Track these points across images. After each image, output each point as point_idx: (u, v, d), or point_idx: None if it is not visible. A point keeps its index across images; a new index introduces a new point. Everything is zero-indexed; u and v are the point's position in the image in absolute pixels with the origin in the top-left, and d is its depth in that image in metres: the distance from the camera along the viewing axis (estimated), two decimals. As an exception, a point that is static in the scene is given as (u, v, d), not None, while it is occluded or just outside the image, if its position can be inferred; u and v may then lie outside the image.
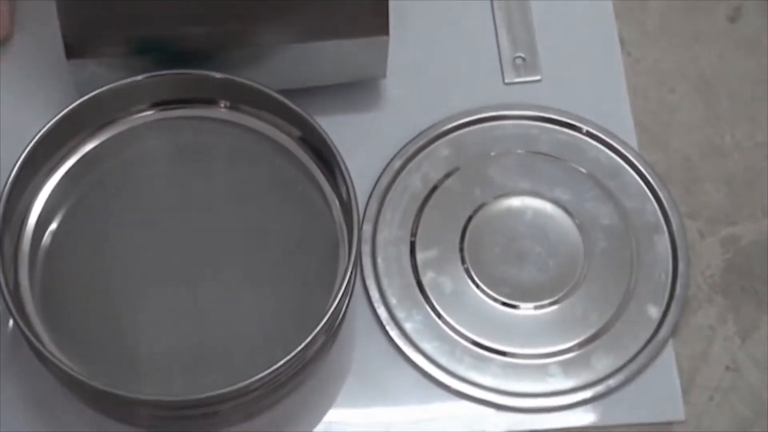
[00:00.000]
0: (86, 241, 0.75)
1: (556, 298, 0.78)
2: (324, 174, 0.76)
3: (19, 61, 0.85)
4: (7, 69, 0.84)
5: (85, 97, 0.75)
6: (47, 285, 0.73)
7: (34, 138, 0.74)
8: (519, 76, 0.86)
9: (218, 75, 0.76)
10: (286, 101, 0.75)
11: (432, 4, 0.88)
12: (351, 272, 0.71)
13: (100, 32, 0.77)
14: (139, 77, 0.76)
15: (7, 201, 0.72)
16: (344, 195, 0.74)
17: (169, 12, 0.77)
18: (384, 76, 0.82)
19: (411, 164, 0.82)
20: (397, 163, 0.82)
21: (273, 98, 0.76)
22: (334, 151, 0.73)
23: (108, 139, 0.78)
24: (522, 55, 0.87)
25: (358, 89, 0.84)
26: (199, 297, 0.73)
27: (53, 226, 0.75)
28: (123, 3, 0.76)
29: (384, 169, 0.82)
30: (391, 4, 0.77)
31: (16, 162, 0.73)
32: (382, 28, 0.79)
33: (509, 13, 0.88)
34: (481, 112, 0.84)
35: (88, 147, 0.77)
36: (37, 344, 0.68)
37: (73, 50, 0.77)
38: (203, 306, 0.73)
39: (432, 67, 0.86)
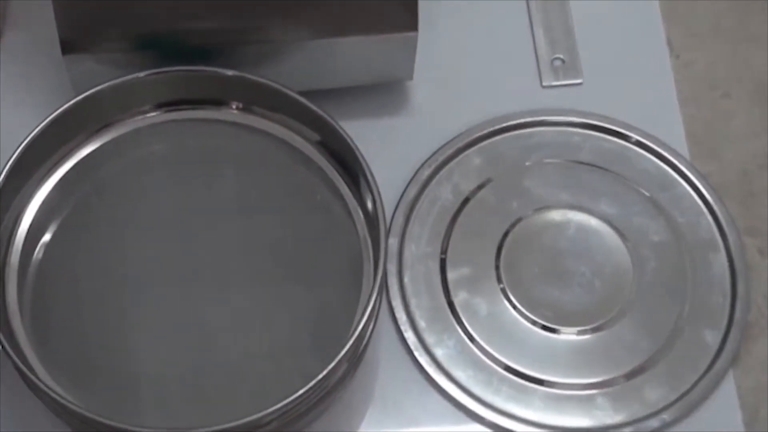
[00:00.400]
0: (82, 256, 0.68)
1: (601, 322, 0.70)
2: (346, 183, 0.69)
3: (11, 61, 0.78)
4: (4, 65, 0.77)
5: (81, 96, 0.68)
6: (38, 304, 0.66)
7: (23, 141, 0.67)
8: (558, 78, 0.79)
9: (230, 72, 0.69)
10: (306, 101, 0.68)
11: (462, 2, 0.81)
12: (377, 293, 0.63)
13: (98, 25, 0.70)
14: (141, 74, 0.69)
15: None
16: (369, 206, 0.67)
17: (174, 4, 0.69)
18: (411, 77, 0.75)
19: (440, 174, 0.75)
20: (426, 173, 0.75)
21: (290, 98, 0.68)
22: (359, 157, 0.66)
23: (107, 143, 0.71)
24: (561, 56, 0.80)
25: (383, 92, 0.77)
26: (205, 318, 0.66)
27: (45, 238, 0.68)
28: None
29: (411, 179, 0.74)
30: (420, 2, 0.70)
31: (4, 167, 0.66)
32: (411, 24, 0.71)
33: (546, 12, 0.81)
34: (516, 118, 0.77)
35: (85, 151, 0.70)
36: (26, 370, 0.61)
37: (69, 45, 0.70)
38: (210, 328, 0.66)
39: (462, 68, 0.79)
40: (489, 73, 0.79)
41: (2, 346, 0.62)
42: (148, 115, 0.71)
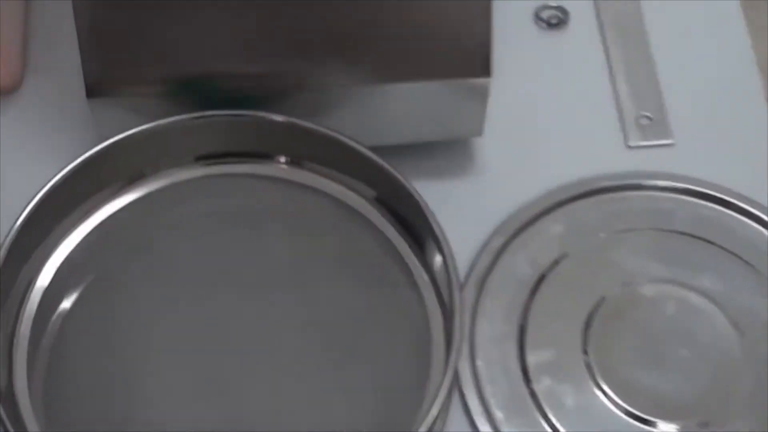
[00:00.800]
0: (104, 329, 0.59)
1: (708, 417, 0.60)
2: (411, 248, 0.60)
3: (32, 109, 0.70)
4: (18, 119, 0.69)
5: (105, 144, 0.59)
6: (51, 385, 0.57)
7: (36, 195, 0.58)
8: (646, 138, 0.70)
9: (279, 118, 0.60)
10: (366, 150, 0.59)
11: (534, 51, 0.73)
12: (449, 380, 0.53)
13: (128, 65, 0.62)
14: (176, 118, 0.59)
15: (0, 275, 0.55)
16: (438, 276, 0.57)
17: (215, 46, 0.61)
18: (480, 133, 0.67)
19: (515, 243, 0.66)
20: (498, 242, 0.65)
21: (348, 148, 0.60)
22: (430, 218, 0.57)
23: (135, 201, 0.62)
24: (648, 114, 0.71)
25: (449, 150, 0.69)
26: (248, 405, 0.56)
27: (63, 306, 0.59)
28: (158, 34, 0.60)
29: (482, 249, 0.65)
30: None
31: (13, 225, 0.56)
32: (483, 69, 0.62)
33: (628, 62, 0.72)
34: (600, 182, 0.68)
35: (110, 209, 0.62)
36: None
37: (95, 87, 0.61)
38: (251, 417, 0.57)
39: (536, 125, 0.71)
40: (566, 131, 0.71)
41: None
42: (184, 168, 0.62)
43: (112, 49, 0.61)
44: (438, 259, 0.57)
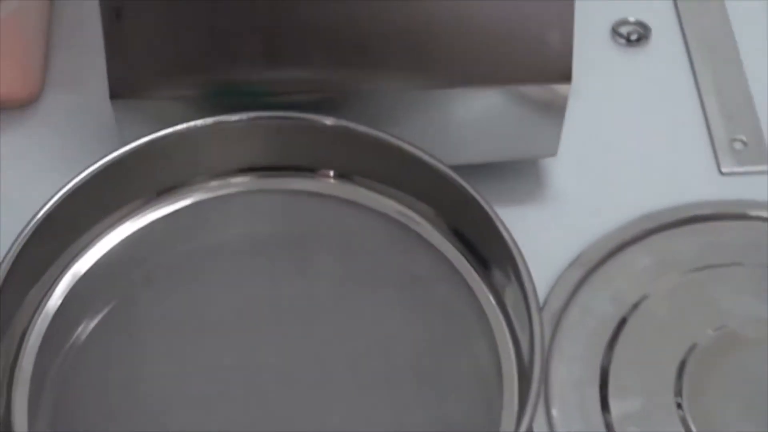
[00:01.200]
0: (120, 366, 0.51)
1: (823, 478, 0.51)
2: (480, 275, 0.51)
3: (51, 122, 0.62)
4: (37, 131, 0.62)
5: (127, 148, 0.51)
6: (56, 423, 0.48)
7: (45, 205, 0.49)
8: (740, 164, 0.62)
9: (328, 121, 0.52)
10: (432, 160, 0.51)
11: (612, 69, 0.65)
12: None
13: (158, 66, 0.54)
14: (206, 121, 0.52)
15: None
16: (510, 307, 0.49)
17: (258, 40, 0.53)
18: (555, 153, 0.59)
19: (594, 277, 0.57)
20: (575, 275, 0.57)
21: (410, 156, 0.51)
22: (508, 240, 0.48)
23: (160, 219, 0.53)
24: (742, 137, 0.63)
25: (518, 172, 0.61)
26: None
27: (72, 338, 0.51)
28: (191, 31, 0.53)
29: (556, 282, 0.57)
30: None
31: (17, 238, 0.48)
32: (563, 73, 0.55)
33: (718, 82, 0.64)
34: (691, 210, 0.60)
35: (134, 226, 0.54)
36: None
37: (119, 86, 0.53)
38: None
39: (617, 148, 0.63)
40: (651, 155, 0.63)
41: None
42: (215, 182, 0.54)
43: (139, 45, 0.53)
44: (511, 286, 0.49)
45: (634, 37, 0.67)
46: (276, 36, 0.54)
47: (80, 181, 0.50)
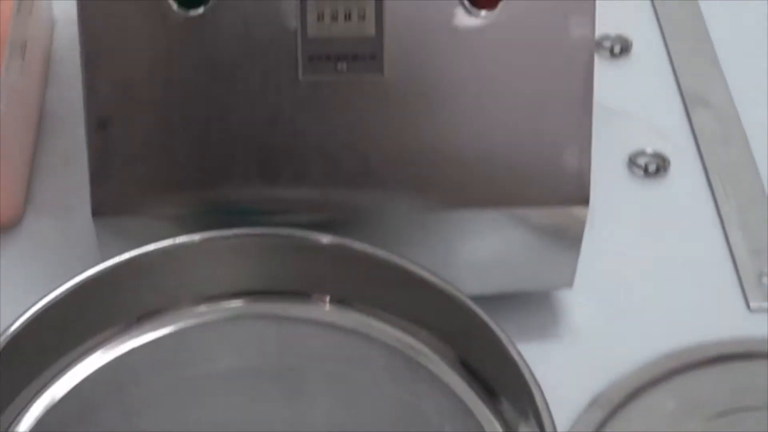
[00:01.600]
0: None
1: None
2: (491, 411, 0.46)
3: (31, 245, 0.59)
4: (17, 254, 0.59)
5: (104, 265, 0.47)
6: None
7: (12, 324, 0.45)
8: (771, 300, 0.57)
9: (325, 239, 0.47)
10: (441, 281, 0.46)
11: (630, 200, 0.62)
12: None
13: (144, 182, 0.50)
14: (193, 238, 0.48)
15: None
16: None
17: (249, 161, 0.50)
18: (571, 284, 0.55)
19: (614, 420, 0.53)
20: (594, 417, 0.53)
21: (415, 277, 0.47)
22: (524, 370, 0.44)
23: (140, 347, 0.49)
24: (771, 272, 0.58)
25: (530, 305, 0.57)
26: None
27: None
28: (181, 144, 0.50)
29: (573, 425, 0.53)
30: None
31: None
32: (580, 195, 0.51)
33: (743, 213, 0.61)
34: (719, 348, 0.57)
35: (113, 353, 0.49)
36: None
37: (102, 203, 0.50)
38: None
39: (637, 282, 0.59)
40: (673, 288, 0.59)
41: None
42: (201, 307, 0.50)
43: (125, 158, 0.50)
44: (527, 424, 0.44)
45: (652, 168, 0.63)
46: (273, 152, 0.50)
47: (48, 303, 0.46)
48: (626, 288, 0.58)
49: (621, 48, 0.69)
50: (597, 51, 0.67)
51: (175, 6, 0.48)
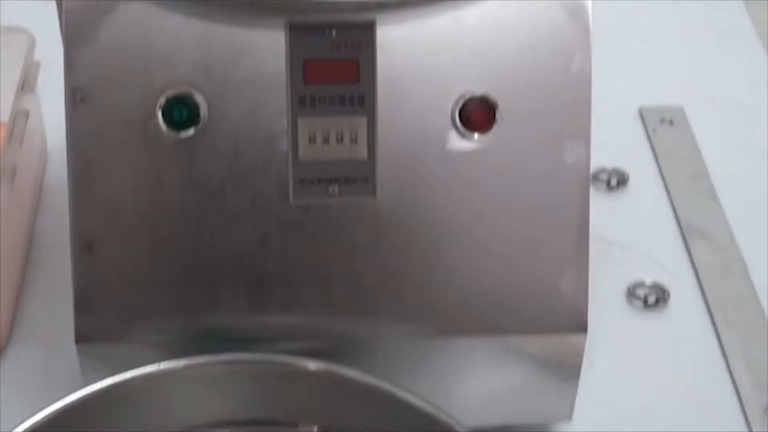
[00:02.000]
0: None
1: None
2: None
3: (15, 373, 0.58)
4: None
5: (83, 393, 0.45)
6: None
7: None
8: (778, 433, 0.55)
9: (312, 365, 0.46)
10: (436, 410, 0.45)
11: (629, 333, 0.61)
12: None
13: (130, 307, 0.49)
14: (177, 364, 0.46)
15: None
16: None
17: (238, 287, 0.49)
18: (569, 416, 0.53)
19: None
20: None
21: (411, 408, 0.45)
22: None
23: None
24: (777, 406, 0.57)
25: None
26: None
27: None
28: (167, 269, 0.49)
29: None
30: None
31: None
32: (578, 322, 0.49)
33: (745, 346, 0.60)
34: None
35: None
36: None
37: (86, 329, 0.48)
38: None
39: (637, 417, 0.57)
40: (673, 421, 0.57)
41: None
42: (185, 439, 0.48)
43: (110, 282, 0.49)
44: None
45: (651, 299, 0.62)
46: (262, 277, 0.49)
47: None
48: (627, 421, 0.56)
49: (618, 181, 0.68)
50: (594, 183, 0.67)
51: (164, 127, 0.48)
